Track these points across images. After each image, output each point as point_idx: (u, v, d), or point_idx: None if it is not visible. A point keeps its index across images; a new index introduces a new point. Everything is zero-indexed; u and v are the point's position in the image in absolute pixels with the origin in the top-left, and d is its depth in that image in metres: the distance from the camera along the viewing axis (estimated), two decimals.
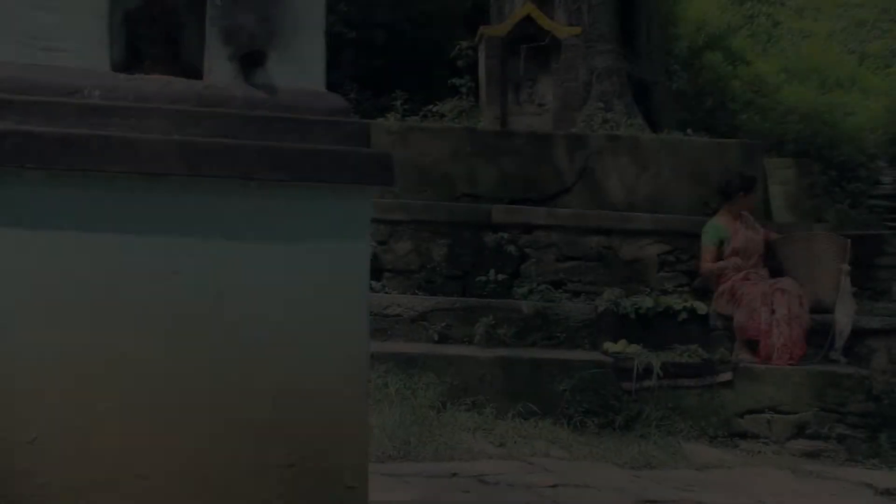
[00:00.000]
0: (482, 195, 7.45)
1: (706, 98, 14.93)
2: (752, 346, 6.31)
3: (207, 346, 2.19)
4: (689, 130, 8.57)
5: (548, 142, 7.56)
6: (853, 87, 20.66)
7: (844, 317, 6.45)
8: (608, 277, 7.08)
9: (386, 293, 6.82)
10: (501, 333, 6.39)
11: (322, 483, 2.28)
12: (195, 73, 2.35)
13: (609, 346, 6.33)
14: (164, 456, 2.15)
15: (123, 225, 2.12)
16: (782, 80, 18.71)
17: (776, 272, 6.88)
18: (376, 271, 7.00)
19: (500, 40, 8.17)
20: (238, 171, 2.18)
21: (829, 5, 26.93)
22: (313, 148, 2.25)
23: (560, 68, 8.25)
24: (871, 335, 6.54)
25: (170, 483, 2.15)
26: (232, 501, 2.20)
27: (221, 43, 2.29)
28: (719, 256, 6.76)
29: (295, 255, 2.26)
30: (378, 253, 6.99)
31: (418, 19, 13.11)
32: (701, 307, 6.55)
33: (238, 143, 2.19)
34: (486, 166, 7.47)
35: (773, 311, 6.22)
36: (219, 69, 2.30)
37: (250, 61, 2.29)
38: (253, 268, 2.22)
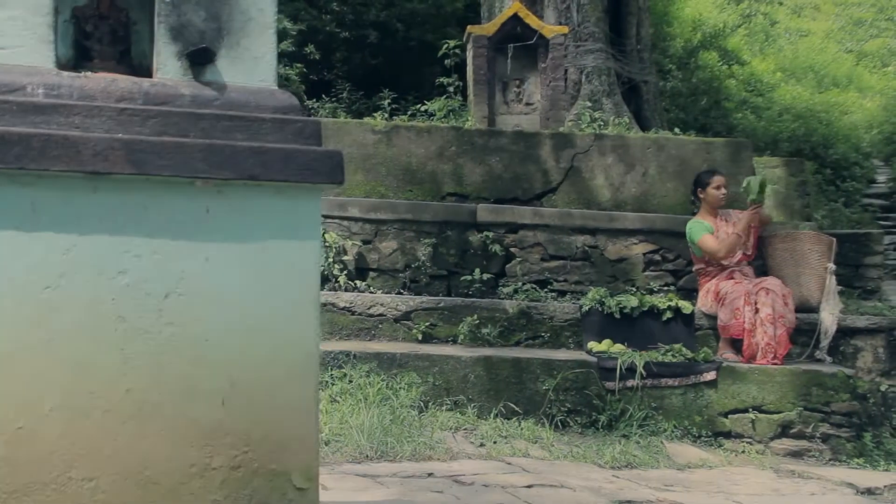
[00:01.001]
0: (468, 194, 7.42)
1: (701, 97, 14.91)
2: (736, 344, 6.30)
3: (154, 346, 2.17)
4: (676, 129, 8.55)
5: (534, 141, 7.53)
6: (849, 86, 20.66)
7: (830, 316, 6.43)
8: (594, 277, 7.06)
9: (370, 293, 6.79)
10: (485, 333, 6.37)
11: (271, 484, 2.27)
12: (145, 71, 2.34)
13: (593, 345, 6.31)
14: (109, 457, 2.14)
15: (66, 224, 2.10)
16: (778, 79, 18.71)
17: (763, 271, 6.87)
18: (361, 271, 6.99)
19: (487, 39, 8.14)
20: (184, 169, 2.16)
21: (828, 4, 26.93)
22: (261, 146, 2.24)
23: (547, 67, 8.23)
24: (857, 334, 6.52)
25: (116, 485, 2.14)
26: (178, 503, 2.18)
27: (170, 40, 2.27)
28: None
29: (243, 254, 2.25)
30: (363, 252, 6.97)
31: (410, 19, 13.12)
32: (686, 306, 6.53)
33: (184, 141, 2.18)
34: (473, 165, 7.45)
35: (756, 311, 6.20)
36: (167, 67, 2.29)
37: (199, 59, 2.27)
38: (200, 267, 2.21)
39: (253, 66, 2.35)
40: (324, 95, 11.77)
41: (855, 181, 14.25)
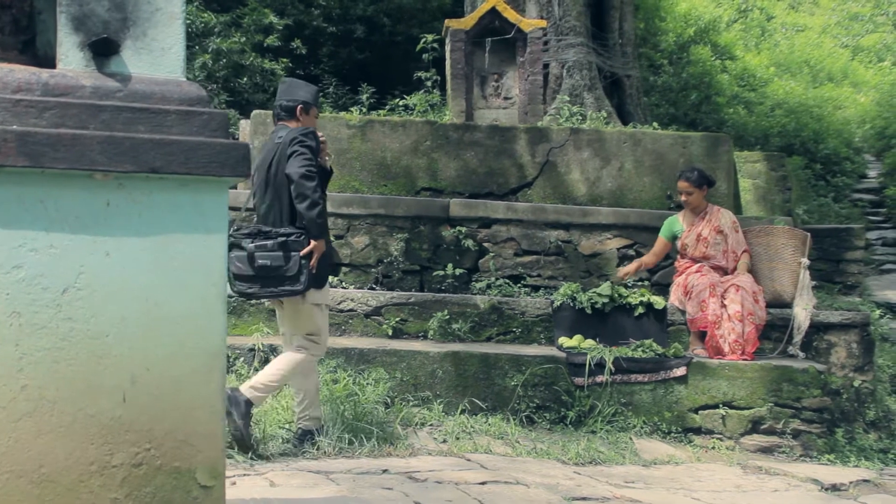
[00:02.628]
0: (443, 189, 7.38)
1: (691, 92, 14.85)
2: (705, 337, 6.25)
3: (51, 342, 2.14)
4: (655, 124, 8.50)
5: (509, 135, 7.48)
6: (844, 81, 20.56)
7: (803, 311, 6.39)
8: (567, 272, 7.02)
9: (343, 288, 6.76)
10: (456, 328, 6.34)
11: (175, 482, 2.23)
12: (50, 62, 2.30)
13: (564, 340, 6.27)
14: (3, 455, 2.10)
15: None
16: (772, 74, 18.64)
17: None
18: (334, 265, 6.95)
19: (464, 33, 8.11)
20: (81, 162, 2.12)
21: None
22: (162, 138, 2.20)
23: (525, 61, 8.19)
24: (830, 329, 6.47)
25: (10, 483, 2.10)
26: (77, 502, 2.14)
27: (72, 31, 2.23)
28: (666, 251, 6.81)
29: (146, 249, 2.21)
30: (335, 247, 6.93)
31: (397, 14, 13.09)
32: (658, 301, 6.49)
33: (82, 133, 2.14)
34: (447, 160, 7.40)
35: (724, 305, 6.16)
36: (70, 58, 2.25)
37: (101, 50, 2.23)
38: (101, 261, 2.17)
39: (160, 57, 2.31)
40: None
41: (845, 176, 14.18)
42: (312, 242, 4.54)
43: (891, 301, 9.80)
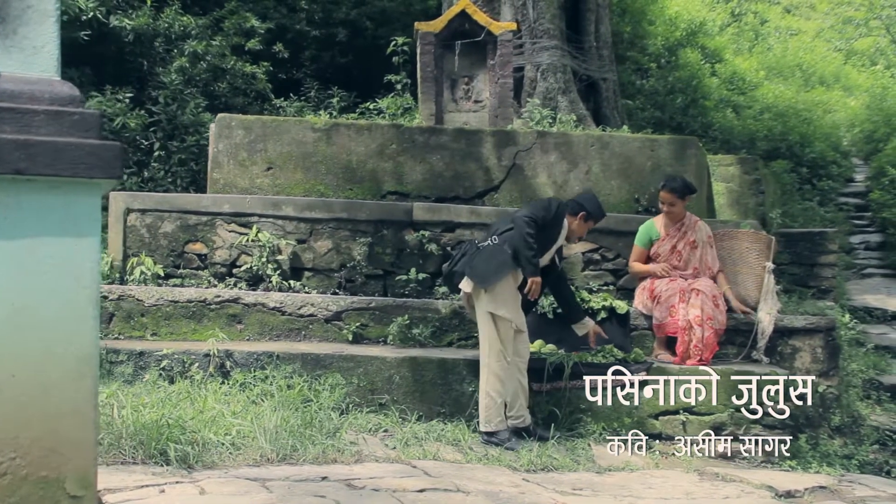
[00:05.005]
0: (409, 193, 7.33)
1: (678, 96, 14.79)
2: (671, 344, 6.17)
3: None
4: (625, 127, 8.44)
5: (476, 138, 7.42)
6: (836, 84, 20.50)
7: (767, 316, 6.31)
8: None
9: (305, 293, 6.70)
10: (416, 333, 6.27)
11: (42, 492, 2.17)
12: None
13: None
14: None
15: None
16: (762, 77, 18.57)
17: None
18: (296, 270, 6.90)
19: (434, 36, 8.06)
20: None
21: (823, 3, 26.77)
22: (28, 139, 2.14)
23: (496, 64, 8.13)
24: (795, 334, 6.40)
25: None
26: None
27: None
28: (648, 258, 6.56)
29: (12, 252, 2.15)
30: (298, 252, 6.87)
31: (380, 17, 13.05)
32: (621, 306, 6.42)
33: None
34: (413, 164, 7.35)
35: (688, 312, 6.07)
36: None
37: None
38: None
39: (32, 55, 2.25)
40: (292, 94, 11.69)
41: (831, 180, 14.10)
42: None
43: (869, 305, 9.74)
